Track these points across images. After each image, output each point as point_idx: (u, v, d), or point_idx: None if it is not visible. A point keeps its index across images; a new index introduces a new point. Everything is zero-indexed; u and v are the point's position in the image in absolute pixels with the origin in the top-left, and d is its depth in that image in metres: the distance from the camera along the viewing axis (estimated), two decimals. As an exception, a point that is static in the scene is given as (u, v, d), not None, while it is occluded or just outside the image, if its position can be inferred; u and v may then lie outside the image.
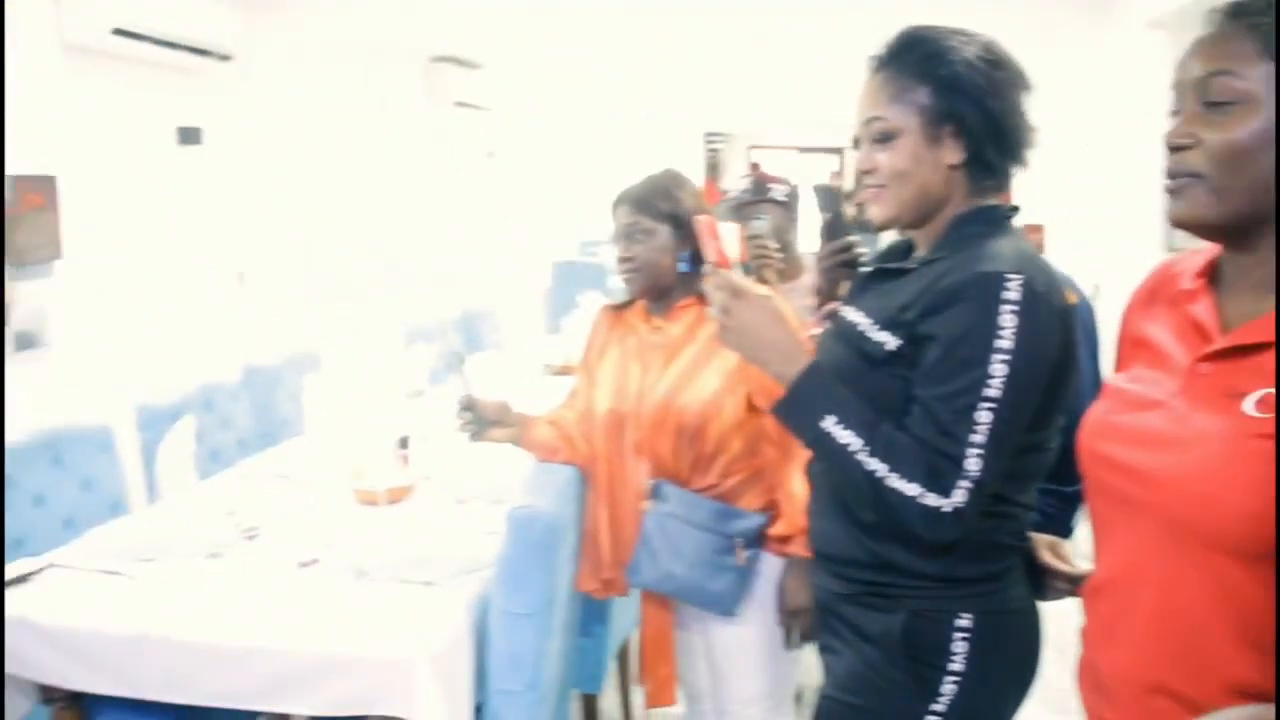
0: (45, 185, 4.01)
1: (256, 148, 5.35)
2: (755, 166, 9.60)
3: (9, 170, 3.82)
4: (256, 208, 5.37)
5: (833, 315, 1.70)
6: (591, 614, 2.72)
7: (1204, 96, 1.14)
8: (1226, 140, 1.13)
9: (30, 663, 2.14)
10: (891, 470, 1.41)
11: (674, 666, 2.36)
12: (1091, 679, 1.28)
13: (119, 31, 4.19)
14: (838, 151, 14.69)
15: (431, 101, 7.24)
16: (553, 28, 5.82)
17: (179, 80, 4.82)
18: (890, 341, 1.49)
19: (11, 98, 3.84)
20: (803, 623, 2.19)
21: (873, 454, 1.42)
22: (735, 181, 3.02)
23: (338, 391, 3.26)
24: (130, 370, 4.13)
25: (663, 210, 2.29)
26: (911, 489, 1.40)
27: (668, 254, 2.29)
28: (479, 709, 2.11)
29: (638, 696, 3.00)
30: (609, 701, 3.14)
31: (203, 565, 2.34)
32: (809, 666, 2.50)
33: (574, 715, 2.77)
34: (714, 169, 13.96)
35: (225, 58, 4.89)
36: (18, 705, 2.25)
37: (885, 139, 1.54)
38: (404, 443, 2.84)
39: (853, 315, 1.58)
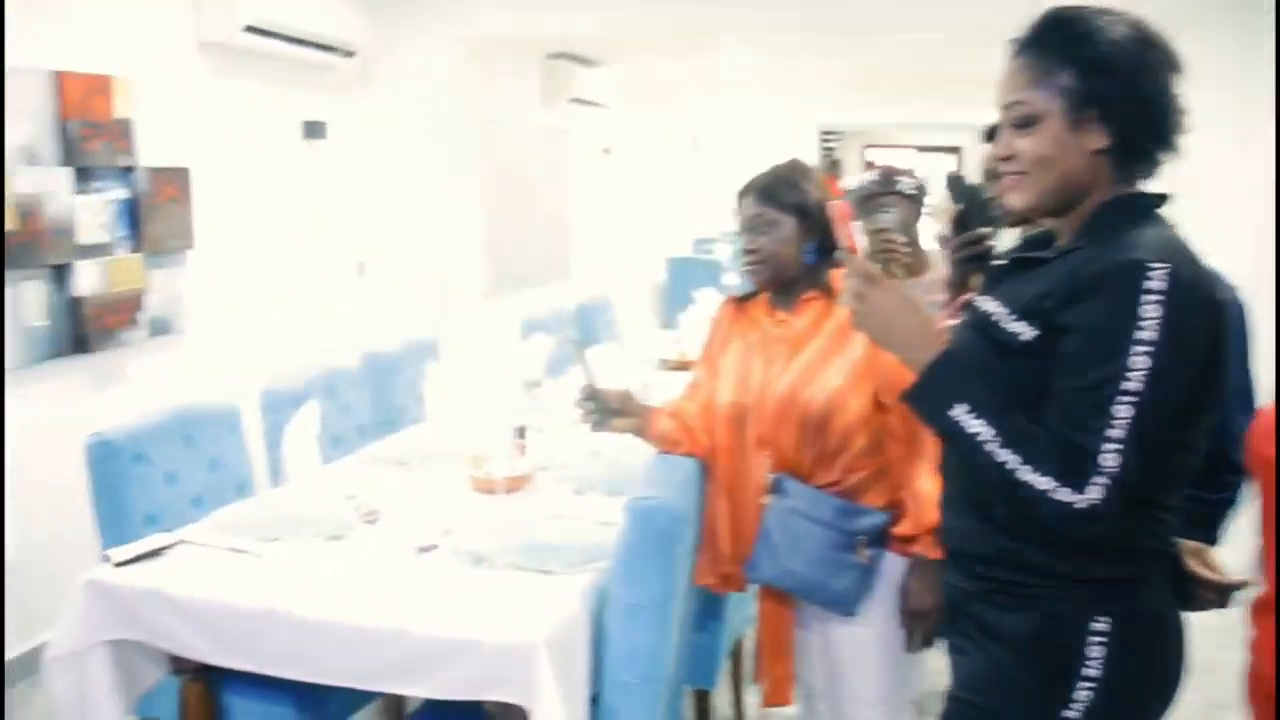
0: (179, 177, 4.15)
1: (377, 142, 5.46)
2: (871, 165, 9.48)
3: (147, 162, 3.97)
4: (377, 200, 5.48)
5: (966, 306, 1.64)
6: (707, 609, 2.69)
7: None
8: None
9: (162, 633, 2.20)
10: (1024, 462, 1.36)
11: (791, 666, 2.31)
12: (1262, 690, 1.21)
13: (251, 29, 4.32)
14: (955, 150, 14.43)
15: (549, 98, 7.29)
16: (669, 23, 5.81)
17: (305, 76, 4.95)
18: (1026, 332, 1.44)
19: (150, 92, 3.98)
20: (925, 625, 2.13)
21: (1004, 445, 1.38)
22: (857, 176, 2.95)
23: (456, 380, 3.29)
24: (256, 356, 4.26)
25: (788, 201, 2.25)
26: (1044, 483, 1.35)
27: (792, 245, 2.26)
28: (594, 701, 2.10)
29: (751, 694, 2.97)
30: (721, 699, 3.11)
31: (325, 546, 2.38)
32: (931, 672, 2.44)
33: (687, 711, 2.74)
34: (833, 166, 13.82)
35: (349, 53, 5.00)
36: (149, 673, 2.32)
37: (1026, 124, 1.48)
38: (521, 432, 2.85)
39: (988, 305, 1.53)
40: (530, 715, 1.96)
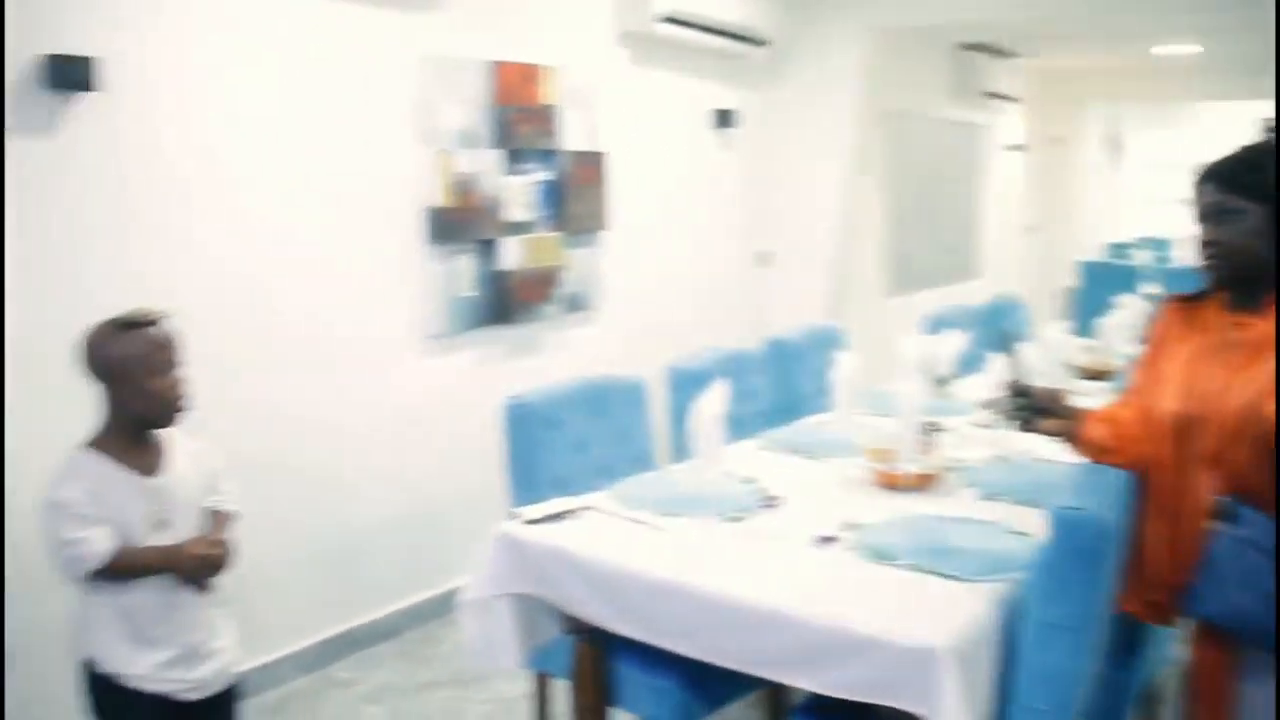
0: (597, 161, 4.31)
1: (784, 133, 5.43)
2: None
3: (569, 146, 4.15)
4: (782, 192, 5.46)
5: None
6: (1123, 640, 2.41)
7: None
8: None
9: (561, 592, 2.26)
10: None
11: (1229, 720, 2.01)
12: None
13: (669, 19, 4.41)
14: None
15: (958, 91, 6.99)
16: (1104, 14, 5.37)
17: (717, 65, 5.00)
18: None
19: (573, 80, 4.16)
20: None
21: None
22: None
23: (864, 372, 3.18)
24: (660, 336, 4.35)
25: (1255, 187, 1.94)
26: None
27: (1259, 238, 1.94)
28: (997, 722, 1.92)
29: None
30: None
31: (723, 527, 2.35)
32: None
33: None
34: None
35: (761, 43, 4.99)
36: (546, 629, 2.40)
37: None
38: (930, 429, 2.69)
39: None
40: (928, 727, 1.82)
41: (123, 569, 2.10)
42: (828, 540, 2.25)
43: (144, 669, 2.15)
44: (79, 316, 2.17)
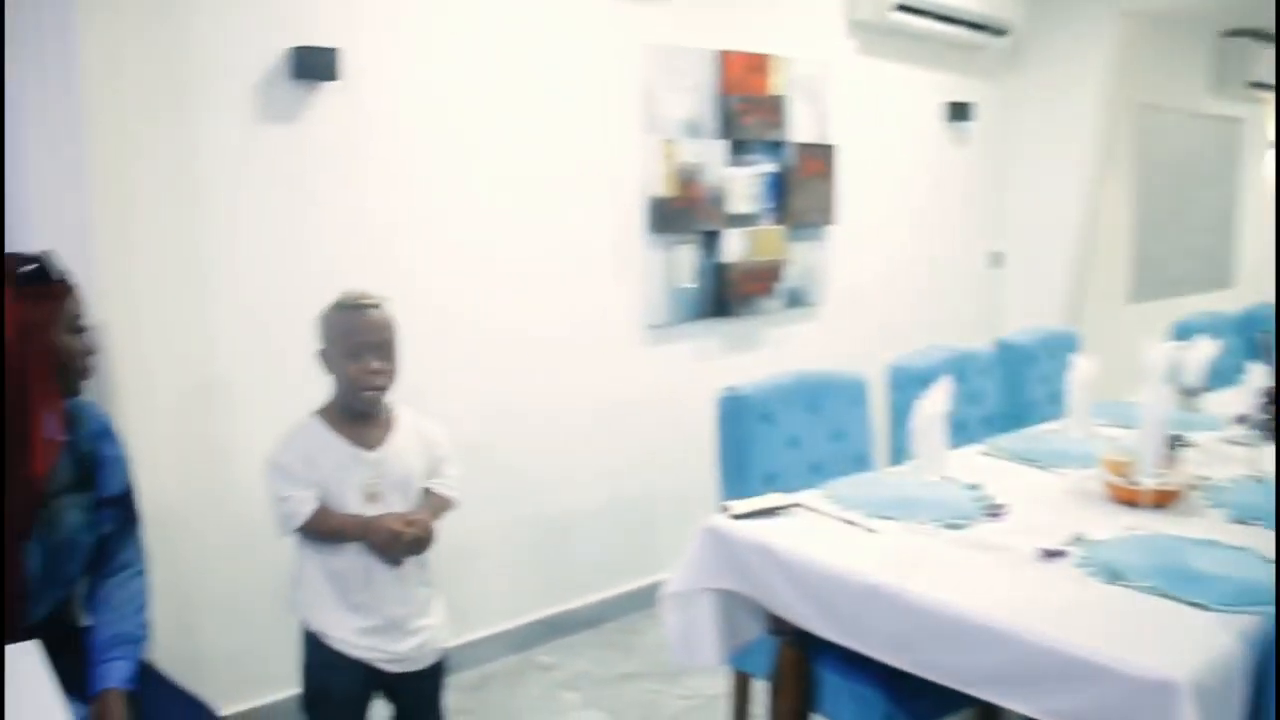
0: (825, 154, 4.21)
1: (1024, 127, 5.16)
2: None
3: (796, 138, 4.06)
4: (1018, 189, 5.19)
5: None
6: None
7: None
8: None
9: (766, 591, 2.19)
10: None
11: None
12: None
13: (903, 7, 4.26)
14: None
15: (1220, 82, 6.46)
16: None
17: (951, 56, 4.79)
18: None
19: (801, 71, 4.06)
20: None
21: None
22: None
23: (1100, 379, 2.96)
24: (885, 335, 4.21)
25: None
26: None
27: None
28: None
29: None
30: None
31: (941, 534, 2.22)
32: None
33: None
34: None
35: (1001, 32, 4.75)
36: (749, 628, 2.34)
37: None
38: (1174, 442, 2.47)
39: None
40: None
41: (320, 530, 2.18)
42: (1055, 555, 2.10)
43: (346, 633, 2.22)
44: (316, 295, 2.26)
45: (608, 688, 3.30)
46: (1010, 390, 3.43)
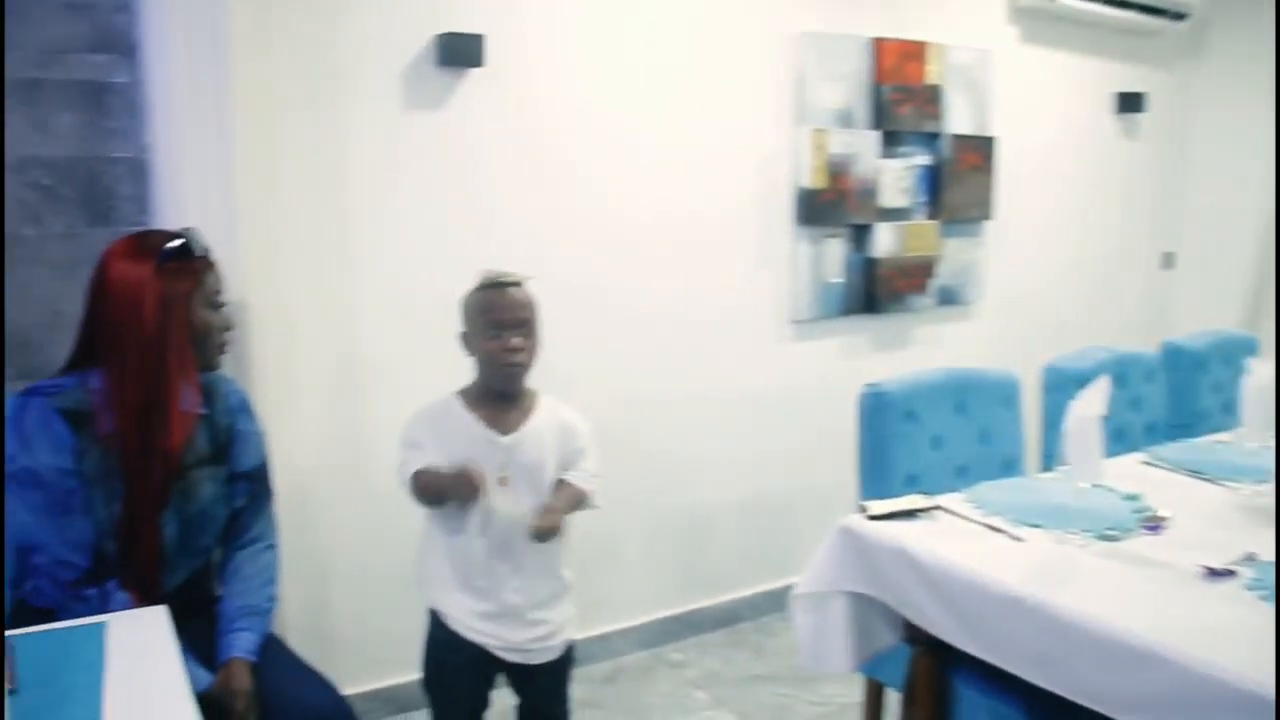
0: (983, 146, 4.03)
1: (1202, 119, 4.85)
2: None
3: (952, 129, 3.90)
4: (1194, 185, 4.88)
5: None
6: None
7: None
8: None
9: (901, 596, 2.09)
10: None
11: None
12: None
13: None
14: None
15: None
16: None
17: (1123, 43, 4.53)
18: None
19: (959, 59, 3.90)
20: None
21: None
22: None
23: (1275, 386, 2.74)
24: (1044, 337, 3.99)
25: None
26: None
27: None
28: None
29: None
30: None
31: (1094, 545, 2.08)
32: None
33: None
34: None
35: (1179, 16, 4.47)
36: (883, 635, 2.23)
37: None
38: (1364, 457, 2.26)
39: None
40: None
41: (423, 488, 2.15)
42: (1221, 574, 1.93)
43: (464, 615, 2.20)
44: (459, 279, 2.26)
45: (737, 689, 3.22)
46: (1178, 397, 3.21)
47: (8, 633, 1.61)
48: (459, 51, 2.84)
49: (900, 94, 3.73)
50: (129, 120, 2.56)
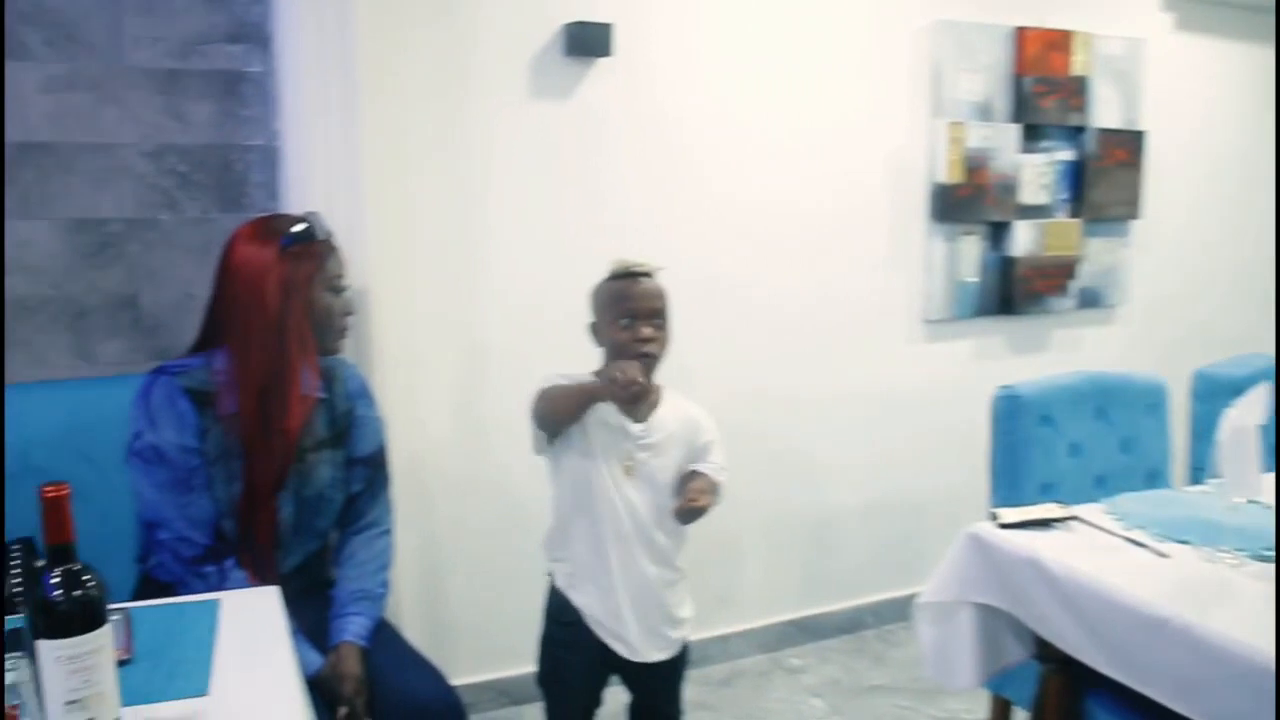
0: (1132, 141, 3.83)
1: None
2: None
3: (1099, 123, 3.72)
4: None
5: None
6: None
7: None
8: None
9: (1031, 610, 1.97)
10: None
11: None
12: None
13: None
14: None
15: None
16: None
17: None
18: None
19: (1111, 49, 3.71)
20: None
21: None
22: None
23: None
24: (1197, 345, 3.77)
25: None
26: None
27: None
28: None
29: None
30: None
31: (1248, 565, 1.92)
32: None
33: None
34: None
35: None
36: (1012, 650, 2.12)
37: None
38: None
39: None
40: None
41: (560, 393, 2.07)
42: (1392, 601, 1.77)
43: (582, 605, 2.16)
44: (585, 269, 2.22)
45: (856, 698, 3.13)
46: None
47: (128, 605, 1.64)
48: (587, 41, 2.82)
49: (1043, 86, 3.57)
50: (261, 109, 2.60)
